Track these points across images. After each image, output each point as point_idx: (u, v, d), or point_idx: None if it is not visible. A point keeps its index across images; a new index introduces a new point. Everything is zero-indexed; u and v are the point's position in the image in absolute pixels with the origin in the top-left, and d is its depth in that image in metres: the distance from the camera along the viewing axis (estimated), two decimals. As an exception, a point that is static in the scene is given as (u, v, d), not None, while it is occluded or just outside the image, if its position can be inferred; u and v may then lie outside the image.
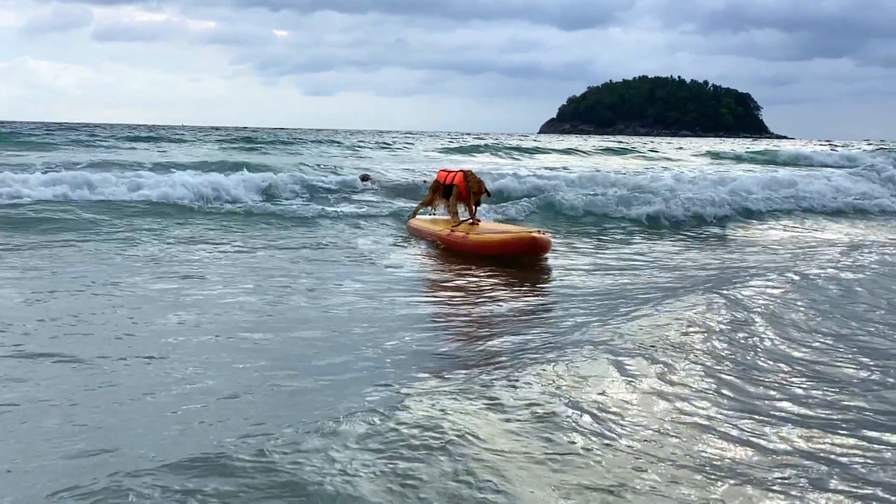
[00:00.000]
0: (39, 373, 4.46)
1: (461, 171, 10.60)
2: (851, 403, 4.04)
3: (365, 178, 18.15)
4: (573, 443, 3.39)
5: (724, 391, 4.13)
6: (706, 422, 3.70)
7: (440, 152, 35.13)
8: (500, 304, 6.68)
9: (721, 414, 3.81)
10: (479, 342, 5.29)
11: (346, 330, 5.54)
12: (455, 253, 9.56)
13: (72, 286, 6.91)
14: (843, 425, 3.74)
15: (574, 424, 3.57)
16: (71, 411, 3.88)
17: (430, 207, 11.45)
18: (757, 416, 3.79)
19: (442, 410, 3.67)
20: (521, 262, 8.73)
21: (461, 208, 10.50)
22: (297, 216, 12.54)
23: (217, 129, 74.26)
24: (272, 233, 11.07)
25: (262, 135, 48.92)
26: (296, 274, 7.85)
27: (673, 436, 3.52)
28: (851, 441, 3.54)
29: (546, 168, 23.60)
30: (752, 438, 3.53)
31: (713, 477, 3.13)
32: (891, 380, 4.43)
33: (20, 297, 6.44)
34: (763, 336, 5.21)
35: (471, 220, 10.18)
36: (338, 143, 40.00)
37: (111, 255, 8.74)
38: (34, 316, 5.76)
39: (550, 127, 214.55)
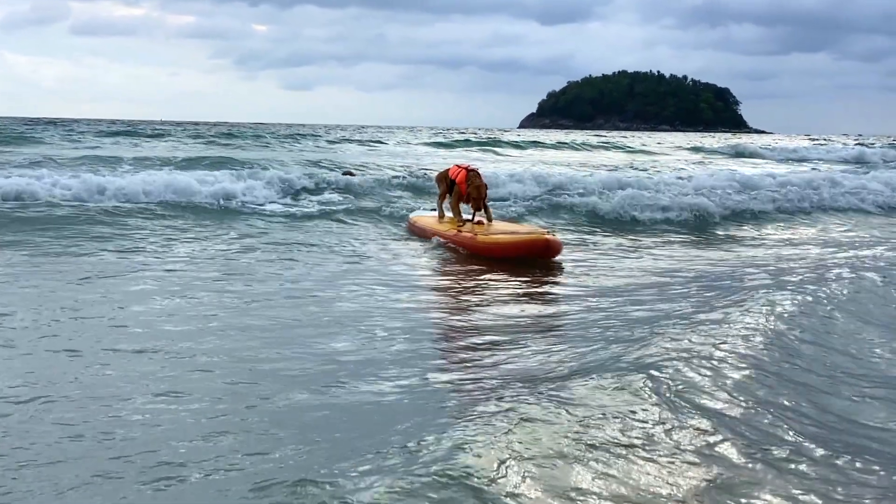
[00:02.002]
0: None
1: (465, 169, 10.19)
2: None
3: (348, 174, 17.93)
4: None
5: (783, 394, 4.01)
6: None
7: (428, 146, 34.98)
8: (514, 303, 6.54)
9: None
10: (487, 342, 5.15)
11: (344, 329, 5.38)
12: (457, 251, 9.31)
13: (62, 283, 6.77)
14: None
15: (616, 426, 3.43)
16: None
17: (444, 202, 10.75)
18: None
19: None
20: (525, 261, 8.51)
21: (466, 207, 10.09)
22: (284, 213, 12.38)
23: (197, 124, 73.79)
24: (261, 230, 10.86)
25: (242, 130, 48.54)
26: (288, 273, 7.66)
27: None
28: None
29: (542, 163, 23.48)
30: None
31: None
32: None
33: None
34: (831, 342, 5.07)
35: (477, 220, 9.73)
36: (318, 136, 39.79)
37: (102, 251, 8.53)
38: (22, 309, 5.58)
39: (530, 122, 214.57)
